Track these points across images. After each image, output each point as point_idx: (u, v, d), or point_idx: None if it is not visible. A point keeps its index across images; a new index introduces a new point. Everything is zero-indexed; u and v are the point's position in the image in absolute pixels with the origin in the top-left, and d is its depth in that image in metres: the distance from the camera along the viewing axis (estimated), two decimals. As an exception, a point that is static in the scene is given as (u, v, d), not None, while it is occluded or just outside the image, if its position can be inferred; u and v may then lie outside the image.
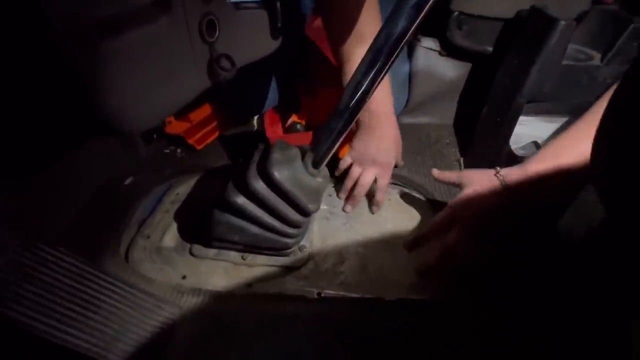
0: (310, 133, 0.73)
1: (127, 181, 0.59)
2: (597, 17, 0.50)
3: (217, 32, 0.46)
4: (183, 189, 0.61)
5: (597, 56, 0.51)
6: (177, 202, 0.58)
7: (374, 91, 0.39)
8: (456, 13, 0.63)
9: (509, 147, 0.57)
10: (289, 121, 0.79)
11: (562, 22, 0.46)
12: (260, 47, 0.55)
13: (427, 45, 0.73)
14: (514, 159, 0.57)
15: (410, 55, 0.75)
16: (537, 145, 0.63)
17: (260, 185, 0.41)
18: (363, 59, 0.38)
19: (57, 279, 0.35)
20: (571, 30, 0.46)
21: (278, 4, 0.56)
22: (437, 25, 0.69)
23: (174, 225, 0.54)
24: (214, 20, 0.45)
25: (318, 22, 0.82)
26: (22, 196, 0.44)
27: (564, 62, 0.49)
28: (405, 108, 0.84)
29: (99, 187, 0.57)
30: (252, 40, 0.56)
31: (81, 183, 0.55)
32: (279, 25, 0.57)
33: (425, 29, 0.73)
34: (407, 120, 0.86)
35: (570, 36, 0.47)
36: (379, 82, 0.38)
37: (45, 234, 0.45)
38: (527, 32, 0.52)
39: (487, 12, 0.61)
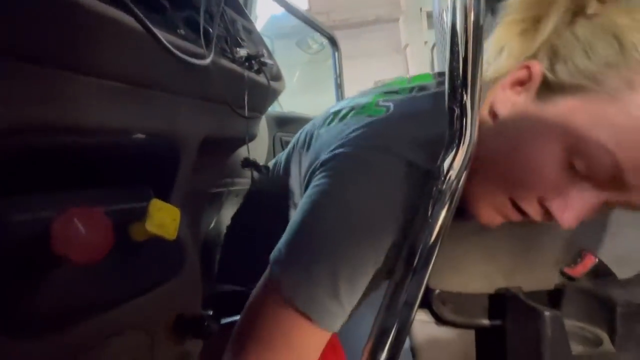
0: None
1: None
2: (577, 298, 0.50)
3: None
4: None
5: (604, 337, 0.47)
6: None
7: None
8: (437, 291, 0.65)
9: None
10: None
11: (547, 314, 0.44)
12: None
13: (420, 318, 0.71)
14: None
15: (406, 330, 0.72)
16: None
17: None
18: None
19: None
20: (561, 321, 0.44)
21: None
22: (423, 296, 0.69)
23: None
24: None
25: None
26: None
27: (576, 349, 0.44)
28: (418, 391, 0.71)
29: None
30: None
31: None
32: None
33: (414, 301, 0.73)
34: (427, 405, 0.71)
35: (563, 325, 0.44)
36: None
37: None
38: (517, 319, 0.50)
39: (464, 289, 0.62)
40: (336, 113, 0.54)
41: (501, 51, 0.39)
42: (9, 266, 0.26)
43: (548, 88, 0.35)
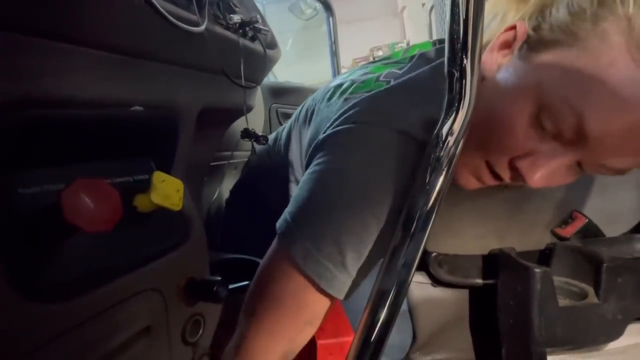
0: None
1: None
2: (566, 256, 0.52)
3: (202, 330, 0.46)
4: None
5: (590, 290, 0.50)
6: None
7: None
8: (434, 254, 0.67)
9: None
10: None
11: (537, 270, 0.47)
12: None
13: (418, 280, 0.74)
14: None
15: (403, 291, 0.75)
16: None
17: None
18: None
19: None
20: (550, 277, 0.47)
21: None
22: (421, 259, 0.72)
23: None
24: (200, 320, 0.45)
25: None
26: None
27: (563, 302, 0.47)
28: (414, 345, 0.76)
29: None
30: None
31: None
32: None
33: (411, 264, 0.76)
34: (422, 358, 0.76)
35: (552, 280, 0.47)
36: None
37: None
38: (509, 277, 0.53)
39: (460, 251, 0.65)
40: (337, 87, 0.54)
41: (494, 17, 0.39)
42: (27, 237, 0.26)
43: (529, 47, 0.34)
